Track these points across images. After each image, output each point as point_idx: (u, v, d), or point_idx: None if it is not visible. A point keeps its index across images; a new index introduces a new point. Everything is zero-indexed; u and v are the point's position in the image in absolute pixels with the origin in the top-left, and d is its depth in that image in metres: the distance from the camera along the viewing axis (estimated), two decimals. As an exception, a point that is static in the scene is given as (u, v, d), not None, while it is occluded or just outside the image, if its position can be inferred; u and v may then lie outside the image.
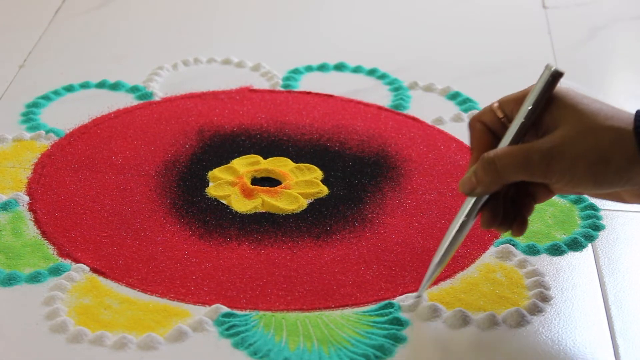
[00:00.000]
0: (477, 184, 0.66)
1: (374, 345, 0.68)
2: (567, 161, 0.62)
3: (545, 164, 0.62)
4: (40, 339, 0.68)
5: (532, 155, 0.63)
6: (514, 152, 0.64)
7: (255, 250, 0.77)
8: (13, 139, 0.90)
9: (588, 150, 0.62)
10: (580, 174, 0.62)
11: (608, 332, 0.70)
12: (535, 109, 0.64)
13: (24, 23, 1.14)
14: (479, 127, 0.67)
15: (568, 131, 0.62)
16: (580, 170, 0.62)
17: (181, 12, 1.19)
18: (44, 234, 0.78)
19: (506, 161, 0.64)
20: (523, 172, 0.63)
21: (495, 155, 0.64)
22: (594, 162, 0.62)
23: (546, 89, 0.64)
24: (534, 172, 0.63)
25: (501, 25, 1.17)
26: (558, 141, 0.62)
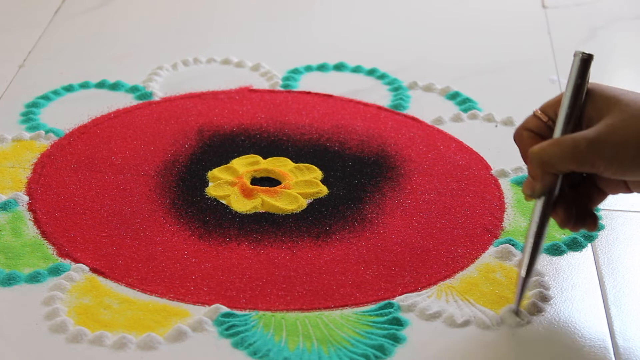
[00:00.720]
0: (534, 182, 0.66)
1: (373, 345, 0.68)
2: (615, 147, 0.63)
3: (593, 151, 0.63)
4: (40, 339, 0.68)
5: (579, 143, 0.64)
6: (560, 142, 0.65)
7: (254, 250, 0.77)
8: (13, 138, 0.90)
9: (633, 136, 0.63)
10: (628, 161, 0.63)
11: (608, 332, 0.70)
12: (575, 98, 0.66)
13: (24, 23, 1.14)
14: (527, 134, 0.68)
15: (612, 120, 0.63)
16: (627, 157, 0.63)
17: (181, 12, 1.19)
18: (44, 234, 0.78)
19: (553, 150, 0.65)
20: (571, 160, 0.64)
21: (540, 147, 0.65)
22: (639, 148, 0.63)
23: (581, 74, 0.66)
24: (582, 159, 0.64)
25: (501, 25, 1.17)
26: (604, 129, 0.63)
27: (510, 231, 0.80)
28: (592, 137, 0.63)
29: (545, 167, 0.65)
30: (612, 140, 0.63)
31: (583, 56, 0.66)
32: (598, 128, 0.64)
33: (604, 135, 0.63)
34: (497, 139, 0.92)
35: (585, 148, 0.63)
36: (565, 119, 0.66)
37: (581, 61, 0.66)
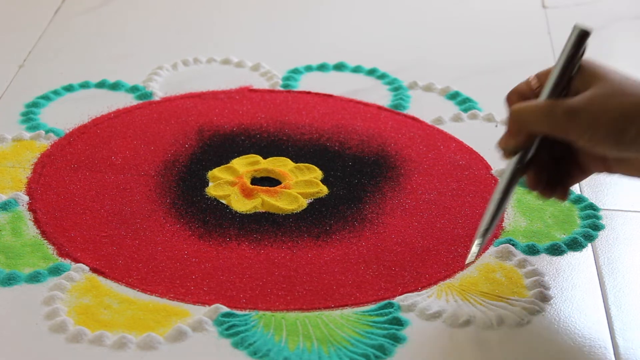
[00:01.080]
0: (508, 137, 0.68)
1: (373, 345, 0.68)
2: (589, 118, 0.64)
3: (568, 118, 0.64)
4: (40, 339, 0.68)
5: (556, 108, 0.65)
6: (539, 104, 0.66)
7: (255, 250, 0.77)
8: (13, 138, 0.90)
9: (612, 109, 0.63)
10: (602, 133, 0.63)
11: (608, 332, 0.70)
12: (566, 67, 0.67)
13: (24, 23, 1.14)
14: (516, 98, 0.69)
15: (595, 91, 0.64)
16: (602, 129, 0.63)
17: (181, 12, 1.19)
18: (44, 234, 0.78)
19: (530, 111, 0.66)
20: (545, 123, 0.65)
21: (520, 106, 0.67)
22: (615, 120, 0.63)
23: (576, 47, 0.67)
24: (555, 124, 0.65)
25: (501, 25, 1.16)
26: (583, 100, 0.64)
27: (511, 231, 0.80)
28: (570, 104, 0.64)
29: (521, 125, 0.67)
30: (587, 112, 0.64)
31: (580, 32, 0.67)
32: (579, 97, 0.65)
33: (582, 104, 0.64)
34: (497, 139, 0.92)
35: (561, 114, 0.64)
36: (553, 87, 0.67)
37: (578, 35, 0.67)
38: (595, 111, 0.64)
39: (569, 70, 0.67)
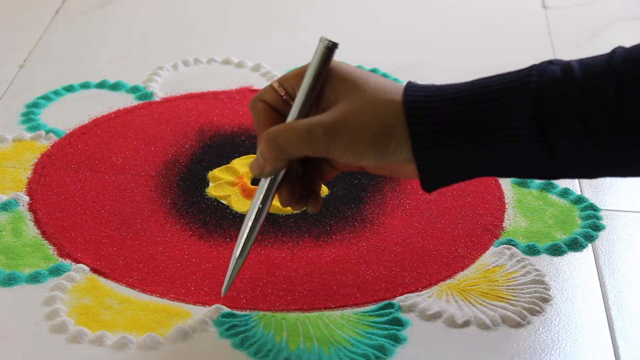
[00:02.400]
0: (264, 164, 0.65)
1: (374, 345, 0.68)
2: (350, 134, 0.62)
3: (328, 138, 0.62)
4: (40, 339, 0.68)
5: (315, 129, 0.62)
6: (296, 127, 0.63)
7: (255, 251, 0.77)
8: (13, 139, 0.90)
9: (370, 122, 0.62)
10: (364, 146, 0.62)
11: (608, 332, 0.70)
12: (315, 83, 0.64)
13: (24, 23, 1.14)
14: (261, 106, 0.66)
15: (350, 104, 0.62)
16: (363, 143, 0.62)
17: (181, 12, 1.19)
18: (44, 234, 0.78)
19: (289, 136, 0.63)
20: (306, 145, 0.63)
21: (277, 130, 0.64)
22: (377, 134, 0.61)
23: (323, 62, 0.64)
24: (317, 146, 0.63)
25: (501, 26, 1.16)
26: (340, 114, 0.62)
27: (511, 231, 0.80)
28: (328, 123, 0.62)
29: (280, 152, 0.64)
30: (347, 127, 0.62)
31: (327, 44, 0.64)
32: (334, 113, 0.62)
33: (339, 121, 0.62)
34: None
35: (321, 134, 0.62)
36: (303, 103, 0.64)
37: (325, 49, 0.64)
38: (354, 127, 0.62)
39: (318, 85, 0.64)
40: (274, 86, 0.66)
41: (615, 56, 0.59)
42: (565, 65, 0.59)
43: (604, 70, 0.58)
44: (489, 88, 0.61)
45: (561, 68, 0.59)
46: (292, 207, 0.67)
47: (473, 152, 0.60)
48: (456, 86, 0.62)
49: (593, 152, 0.58)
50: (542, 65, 0.60)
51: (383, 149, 0.62)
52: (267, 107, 0.66)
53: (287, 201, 0.67)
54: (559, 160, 0.59)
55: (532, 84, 0.59)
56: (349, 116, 0.62)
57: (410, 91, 0.62)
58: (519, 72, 0.61)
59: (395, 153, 0.62)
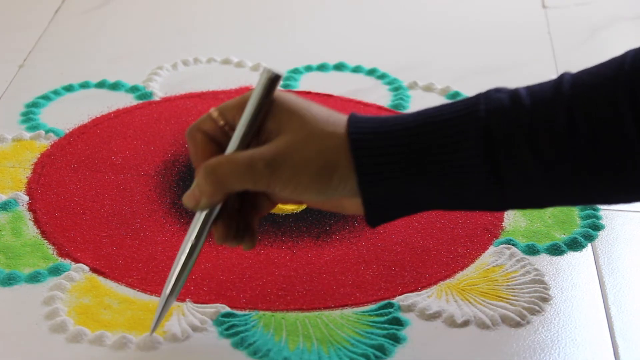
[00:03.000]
0: (200, 196, 0.62)
1: (373, 345, 0.68)
2: (292, 169, 0.59)
3: (270, 172, 0.59)
4: (40, 339, 0.68)
5: (257, 163, 0.60)
6: (237, 160, 0.60)
7: (254, 250, 0.77)
8: (13, 138, 0.90)
9: (313, 156, 0.59)
10: (306, 182, 0.59)
11: (608, 332, 0.70)
12: (256, 115, 0.61)
13: (24, 23, 1.14)
14: (200, 137, 0.62)
15: (292, 137, 0.60)
16: (306, 178, 0.59)
17: (181, 12, 1.19)
18: (44, 234, 0.78)
19: (228, 169, 0.60)
20: (247, 180, 0.60)
21: (216, 163, 0.61)
22: (320, 169, 0.59)
23: (266, 93, 0.61)
24: (257, 180, 0.60)
25: (501, 25, 1.17)
26: (283, 148, 0.59)
27: (510, 231, 0.80)
28: (269, 157, 0.59)
29: (219, 185, 0.61)
30: (289, 162, 0.59)
31: (270, 75, 0.61)
32: (276, 146, 0.60)
33: (281, 155, 0.59)
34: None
35: (262, 168, 0.59)
36: (244, 134, 0.61)
37: (268, 80, 0.61)
38: (296, 160, 0.59)
39: (260, 116, 0.61)
40: (213, 115, 0.62)
41: (563, 82, 0.57)
42: (513, 93, 0.58)
43: (553, 96, 0.57)
44: (436, 118, 0.59)
45: (509, 96, 0.58)
46: (227, 244, 0.64)
47: (420, 184, 0.58)
48: (402, 117, 0.60)
49: (543, 181, 0.57)
50: (489, 93, 0.58)
51: (326, 183, 0.59)
52: (206, 137, 0.62)
53: (222, 237, 0.63)
54: (509, 191, 0.57)
55: (480, 113, 0.57)
56: (291, 149, 0.59)
57: (355, 123, 0.60)
58: (465, 101, 0.59)
59: (338, 188, 0.60)
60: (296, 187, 0.60)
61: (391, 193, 0.59)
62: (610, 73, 0.56)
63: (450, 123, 0.58)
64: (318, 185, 0.60)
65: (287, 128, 0.60)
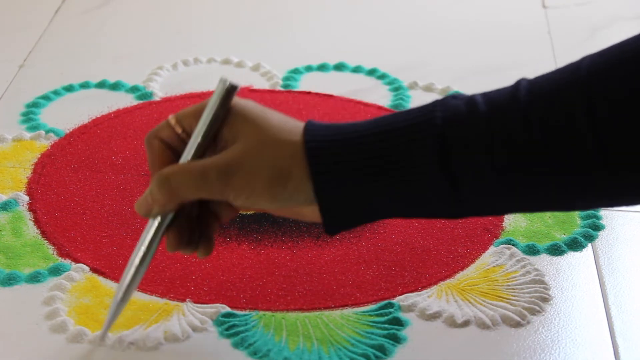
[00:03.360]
0: (153, 204, 0.61)
1: (373, 345, 0.68)
2: (246, 177, 0.59)
3: (223, 180, 0.59)
4: (40, 339, 0.68)
5: (209, 172, 0.59)
6: (190, 169, 0.60)
7: (255, 250, 0.77)
8: (13, 138, 0.90)
9: (266, 165, 0.59)
10: (260, 190, 0.59)
11: (608, 332, 0.70)
12: (211, 124, 0.61)
13: (24, 23, 1.14)
14: (157, 144, 0.62)
15: (246, 145, 0.59)
16: (259, 186, 0.59)
17: (181, 12, 1.19)
18: (44, 234, 0.78)
19: (182, 179, 0.60)
20: (200, 189, 0.60)
21: (170, 172, 0.61)
22: (274, 177, 0.59)
23: (221, 103, 0.61)
24: (211, 189, 0.60)
25: (501, 25, 1.17)
26: (236, 156, 0.59)
27: (511, 231, 0.80)
28: (222, 165, 0.59)
29: (172, 195, 0.60)
30: (242, 170, 0.59)
31: (227, 87, 0.61)
32: (229, 154, 0.59)
33: (234, 163, 0.59)
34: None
35: (215, 177, 0.59)
36: (199, 144, 0.61)
37: (225, 91, 0.61)
38: (249, 169, 0.59)
39: (215, 124, 0.61)
40: (170, 123, 0.62)
41: (520, 88, 0.57)
42: (470, 100, 0.58)
43: (509, 103, 0.56)
44: (392, 126, 0.58)
45: (465, 102, 0.58)
46: (180, 251, 0.64)
47: (377, 192, 0.58)
48: (359, 124, 0.60)
49: (499, 187, 0.57)
50: (445, 100, 0.58)
51: (280, 192, 0.59)
52: (163, 144, 0.62)
53: (173, 245, 0.63)
54: (465, 197, 0.57)
55: (436, 120, 0.57)
56: (245, 158, 0.59)
57: (311, 131, 0.59)
58: (422, 109, 0.59)
59: (292, 195, 0.59)
60: (250, 195, 0.60)
61: (348, 200, 0.59)
62: (566, 79, 0.56)
63: (407, 130, 0.58)
64: (271, 193, 0.59)
65: (242, 136, 0.60)
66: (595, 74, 0.55)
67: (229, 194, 0.60)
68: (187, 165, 0.61)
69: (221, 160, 0.60)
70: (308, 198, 0.59)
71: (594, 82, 0.55)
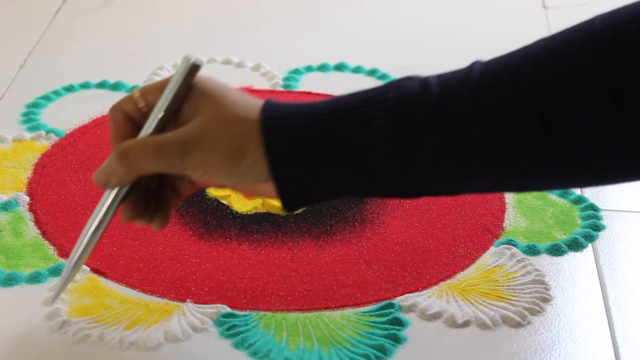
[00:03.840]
0: (111, 175, 0.62)
1: (374, 345, 0.68)
2: (202, 152, 0.60)
3: (180, 155, 0.60)
4: (40, 339, 0.68)
5: (167, 146, 0.60)
6: (148, 143, 0.61)
7: (255, 251, 0.77)
8: (13, 139, 0.90)
9: (223, 141, 0.60)
10: (216, 165, 0.60)
11: (608, 332, 0.70)
12: (174, 100, 0.62)
13: (24, 23, 1.14)
14: (120, 116, 0.64)
15: (204, 121, 0.61)
16: (216, 162, 0.60)
17: (181, 12, 1.19)
18: (44, 234, 0.78)
19: (140, 152, 0.61)
20: (157, 163, 0.61)
21: (128, 145, 0.62)
22: (230, 153, 0.60)
23: (185, 80, 0.62)
24: (168, 163, 0.61)
25: (501, 25, 1.17)
26: (194, 131, 0.60)
27: (511, 231, 0.80)
28: (180, 140, 0.60)
29: (130, 166, 0.62)
30: (199, 145, 0.60)
31: (191, 65, 0.62)
32: (187, 130, 0.60)
33: (192, 138, 0.60)
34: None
35: (173, 152, 0.60)
36: (159, 119, 0.62)
37: (187, 68, 0.62)
38: (207, 145, 0.60)
39: (177, 100, 0.62)
40: (134, 97, 0.63)
41: (473, 70, 0.58)
42: (423, 81, 0.58)
43: (461, 86, 0.57)
44: (347, 106, 0.59)
45: (419, 84, 0.58)
46: (135, 221, 0.65)
47: (331, 170, 0.59)
48: (315, 104, 0.60)
49: (451, 168, 0.57)
50: (400, 81, 0.59)
51: (235, 167, 0.60)
52: (125, 117, 0.63)
53: (128, 216, 0.64)
54: (418, 178, 0.58)
55: (389, 101, 0.58)
56: (202, 133, 0.60)
57: (268, 109, 0.60)
58: (377, 89, 0.59)
59: (247, 173, 0.60)
60: (206, 171, 0.60)
61: (303, 178, 0.60)
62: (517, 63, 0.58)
63: (360, 111, 0.59)
64: (228, 169, 0.60)
65: (201, 112, 0.61)
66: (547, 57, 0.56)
67: (186, 169, 0.61)
68: (146, 140, 0.62)
69: (179, 135, 0.61)
70: (263, 175, 0.60)
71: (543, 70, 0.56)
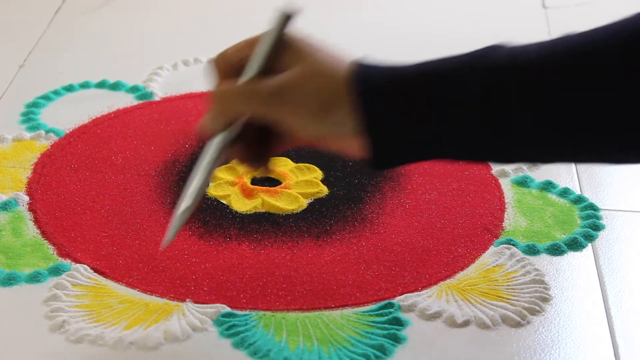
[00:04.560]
0: (212, 119, 0.64)
1: (373, 345, 0.68)
2: (297, 99, 0.61)
3: (273, 102, 0.62)
4: (40, 339, 0.68)
5: (262, 89, 0.62)
6: (242, 86, 0.63)
7: (255, 250, 0.77)
8: (13, 138, 0.90)
9: (316, 91, 0.61)
10: (309, 115, 0.61)
11: (608, 332, 0.70)
12: (270, 49, 0.63)
13: (24, 23, 1.14)
14: (223, 65, 0.66)
15: (297, 72, 0.62)
16: (308, 110, 0.61)
17: (181, 12, 1.19)
18: (44, 234, 0.78)
19: (234, 93, 0.63)
20: (251, 106, 0.62)
21: (223, 88, 0.64)
22: (323, 103, 0.61)
23: (281, 29, 0.64)
24: (261, 107, 0.62)
25: (501, 25, 1.16)
26: (290, 79, 0.61)
27: (511, 231, 0.80)
28: (274, 87, 0.61)
29: (226, 108, 0.64)
30: (293, 93, 0.61)
31: (288, 12, 0.65)
32: (282, 77, 0.62)
33: (286, 87, 0.61)
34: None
35: (267, 95, 0.62)
36: (258, 68, 0.63)
37: (285, 16, 0.64)
38: (300, 93, 0.61)
39: (273, 51, 0.63)
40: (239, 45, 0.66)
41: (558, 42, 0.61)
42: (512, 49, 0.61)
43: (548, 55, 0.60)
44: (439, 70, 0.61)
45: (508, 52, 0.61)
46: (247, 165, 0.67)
47: (422, 131, 0.60)
48: (409, 66, 0.62)
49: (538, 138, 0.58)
50: (494, 47, 0.62)
51: (328, 118, 0.61)
52: (228, 66, 0.66)
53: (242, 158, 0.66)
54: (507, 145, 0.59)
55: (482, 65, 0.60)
56: (296, 82, 0.61)
57: (363, 65, 0.62)
58: (471, 54, 0.62)
59: (339, 124, 0.61)
60: (296, 121, 0.61)
61: (394, 136, 0.60)
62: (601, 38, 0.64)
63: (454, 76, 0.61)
64: (320, 118, 0.61)
65: (295, 65, 0.62)
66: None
67: (279, 114, 0.62)
68: (240, 84, 0.63)
69: (274, 82, 0.62)
70: (354, 128, 0.61)
71: None
